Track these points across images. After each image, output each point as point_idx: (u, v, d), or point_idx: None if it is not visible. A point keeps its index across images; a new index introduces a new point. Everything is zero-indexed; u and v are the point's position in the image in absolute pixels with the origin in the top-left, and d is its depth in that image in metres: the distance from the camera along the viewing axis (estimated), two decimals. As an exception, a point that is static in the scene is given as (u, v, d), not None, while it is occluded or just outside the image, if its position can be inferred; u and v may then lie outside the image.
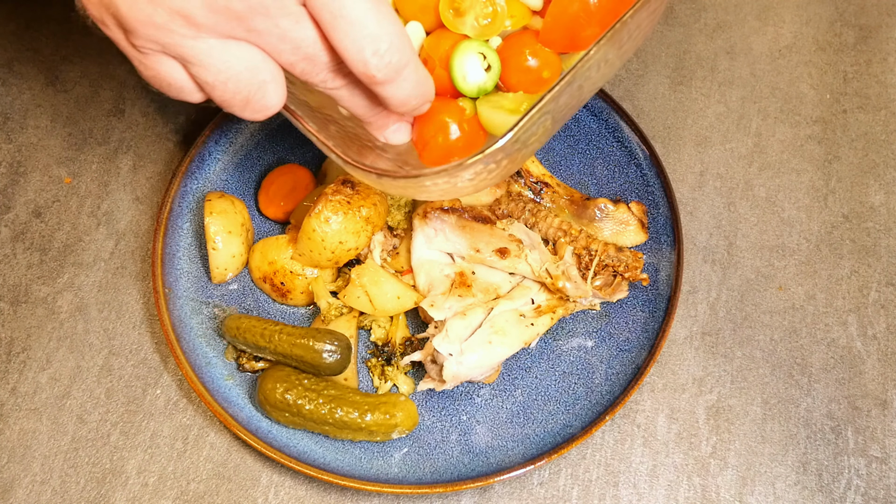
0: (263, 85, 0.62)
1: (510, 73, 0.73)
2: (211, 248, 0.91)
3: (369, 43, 0.59)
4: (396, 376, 0.89)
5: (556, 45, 0.72)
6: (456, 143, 0.72)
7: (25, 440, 0.88)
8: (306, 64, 0.62)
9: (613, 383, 0.87)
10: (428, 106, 0.69)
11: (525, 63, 0.72)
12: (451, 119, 0.72)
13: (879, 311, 0.94)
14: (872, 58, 1.09)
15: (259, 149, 1.01)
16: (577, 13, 0.69)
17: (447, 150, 0.72)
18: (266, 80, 0.62)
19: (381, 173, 0.69)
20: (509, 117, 0.71)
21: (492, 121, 0.72)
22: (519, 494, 0.85)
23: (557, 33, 0.71)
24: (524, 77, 0.73)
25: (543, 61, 0.72)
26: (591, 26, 0.70)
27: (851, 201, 1.00)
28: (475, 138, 0.73)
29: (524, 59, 0.72)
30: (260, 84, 0.62)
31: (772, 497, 0.85)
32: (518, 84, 0.73)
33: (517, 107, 0.72)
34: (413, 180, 0.69)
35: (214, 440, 0.88)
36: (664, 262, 0.92)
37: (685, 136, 1.05)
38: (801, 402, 0.89)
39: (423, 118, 0.73)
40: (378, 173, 0.69)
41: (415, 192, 0.74)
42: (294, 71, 0.62)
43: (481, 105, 0.73)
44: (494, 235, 0.89)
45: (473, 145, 0.73)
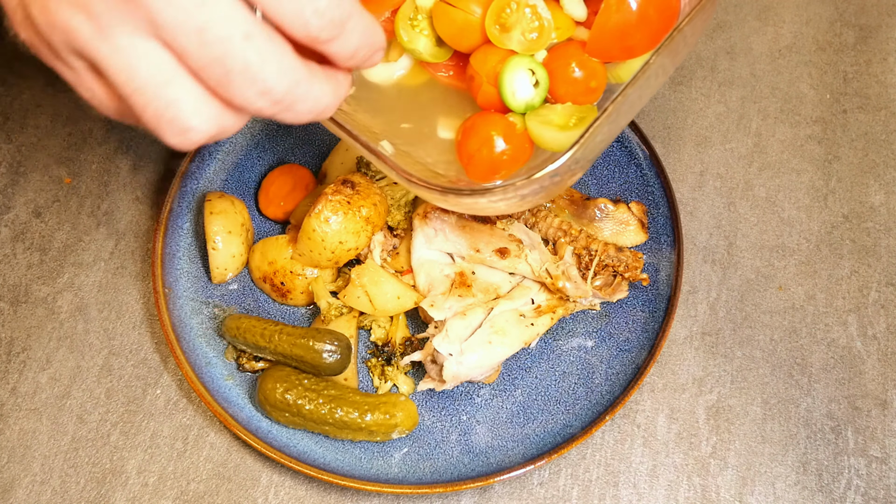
0: (176, 101, 0.53)
1: (557, 84, 0.74)
2: (211, 248, 0.91)
3: (307, 3, 0.52)
4: (396, 376, 0.89)
5: (604, 54, 0.73)
6: (501, 157, 0.72)
7: (25, 440, 0.88)
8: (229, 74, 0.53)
9: (613, 383, 0.87)
10: (380, 56, 0.62)
11: (572, 74, 0.73)
12: (497, 133, 0.72)
13: (879, 311, 0.94)
14: (872, 58, 1.09)
15: (259, 149, 1.01)
16: (625, 22, 0.70)
17: (492, 165, 0.73)
18: (179, 96, 0.53)
19: (445, 189, 0.69)
20: (559, 133, 0.72)
21: (542, 136, 0.73)
22: (519, 494, 0.85)
23: (605, 43, 0.72)
24: (572, 88, 0.73)
25: (590, 72, 0.73)
26: (639, 34, 0.71)
27: (851, 201, 1.00)
28: (521, 153, 0.74)
29: (571, 71, 0.73)
30: (172, 99, 0.53)
31: (772, 497, 0.85)
32: (566, 95, 0.74)
33: (566, 121, 0.72)
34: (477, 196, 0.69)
35: (214, 440, 0.88)
36: (664, 262, 0.92)
37: (685, 136, 1.05)
38: (801, 402, 0.89)
39: (470, 132, 0.73)
40: (441, 190, 0.69)
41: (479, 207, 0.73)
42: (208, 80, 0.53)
43: (530, 120, 0.73)
44: (494, 235, 0.89)
45: (519, 160, 0.74)
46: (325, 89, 0.57)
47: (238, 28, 0.51)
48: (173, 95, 0.53)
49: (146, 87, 0.52)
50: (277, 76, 0.53)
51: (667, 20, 0.71)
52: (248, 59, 0.52)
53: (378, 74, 0.82)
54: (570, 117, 0.73)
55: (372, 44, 0.59)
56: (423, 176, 0.70)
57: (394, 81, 0.82)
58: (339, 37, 0.55)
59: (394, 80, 0.82)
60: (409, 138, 0.78)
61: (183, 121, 0.54)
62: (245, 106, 0.54)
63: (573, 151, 0.67)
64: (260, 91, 0.53)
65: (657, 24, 0.71)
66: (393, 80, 0.82)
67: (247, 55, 0.52)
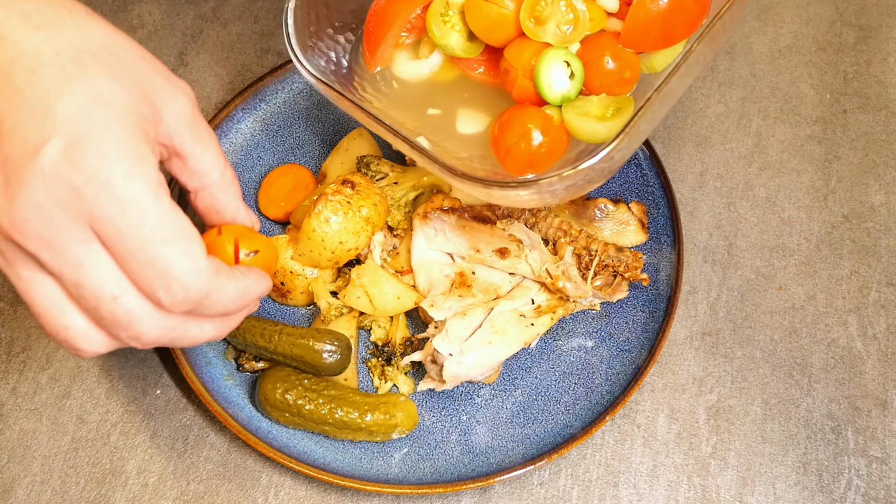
0: (66, 328, 0.61)
1: (592, 75, 0.74)
2: None
3: (159, 284, 0.59)
4: (396, 376, 0.89)
5: (638, 44, 0.73)
6: (539, 150, 0.72)
7: (25, 440, 0.88)
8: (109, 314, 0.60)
9: (613, 383, 0.87)
10: (255, 306, 0.70)
11: (606, 66, 0.73)
12: (534, 126, 0.72)
13: (879, 311, 0.94)
14: (872, 58, 1.09)
15: (259, 149, 1.01)
16: (660, 12, 0.70)
17: (530, 158, 0.73)
18: (69, 324, 0.61)
19: (490, 183, 0.69)
20: (597, 124, 0.72)
21: (580, 128, 0.73)
22: (519, 494, 0.85)
23: (639, 33, 0.72)
24: (606, 79, 0.74)
25: (624, 62, 0.73)
26: (673, 24, 0.71)
27: (851, 201, 1.00)
28: (558, 145, 0.73)
29: (605, 62, 0.73)
30: (63, 326, 0.61)
31: (772, 497, 0.85)
32: (600, 86, 0.74)
33: (604, 112, 0.72)
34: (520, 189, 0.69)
35: (214, 440, 0.88)
36: (664, 262, 0.92)
37: (685, 136, 1.05)
38: (801, 402, 0.89)
39: (507, 126, 0.74)
40: (486, 183, 0.69)
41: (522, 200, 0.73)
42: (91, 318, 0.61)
43: (567, 112, 0.73)
44: (494, 235, 0.89)
45: (556, 153, 0.74)
46: (205, 329, 0.65)
47: (109, 289, 0.59)
48: (64, 323, 0.61)
49: (42, 313, 0.61)
50: (147, 328, 0.61)
51: (702, 6, 0.71)
52: (117, 314, 0.60)
53: (409, 71, 0.82)
54: (608, 108, 0.73)
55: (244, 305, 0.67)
56: (465, 169, 0.71)
57: (424, 78, 0.82)
58: (199, 310, 0.62)
59: (424, 77, 0.82)
60: (443, 134, 0.78)
61: (73, 343, 0.62)
62: (122, 342, 0.62)
63: (619, 140, 0.67)
64: (131, 336, 0.61)
65: (692, 11, 0.71)
66: (424, 76, 0.82)
67: (115, 310, 0.59)
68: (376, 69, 0.83)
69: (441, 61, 0.82)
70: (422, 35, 0.81)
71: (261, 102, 1.01)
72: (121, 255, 0.58)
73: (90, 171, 0.56)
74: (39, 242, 0.57)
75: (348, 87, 0.81)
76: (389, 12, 0.80)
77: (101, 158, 0.56)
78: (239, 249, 0.75)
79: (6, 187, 0.57)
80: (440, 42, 0.78)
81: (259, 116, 1.01)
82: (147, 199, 0.58)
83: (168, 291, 0.59)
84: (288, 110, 1.02)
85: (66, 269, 0.58)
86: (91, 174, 0.56)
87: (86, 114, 0.57)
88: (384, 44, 0.81)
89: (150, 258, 0.58)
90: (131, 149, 0.58)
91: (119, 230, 0.57)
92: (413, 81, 0.82)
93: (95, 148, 0.56)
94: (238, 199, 0.73)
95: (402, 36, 0.81)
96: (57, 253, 0.58)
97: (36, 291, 0.60)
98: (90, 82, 0.58)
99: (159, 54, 1.10)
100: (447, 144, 0.78)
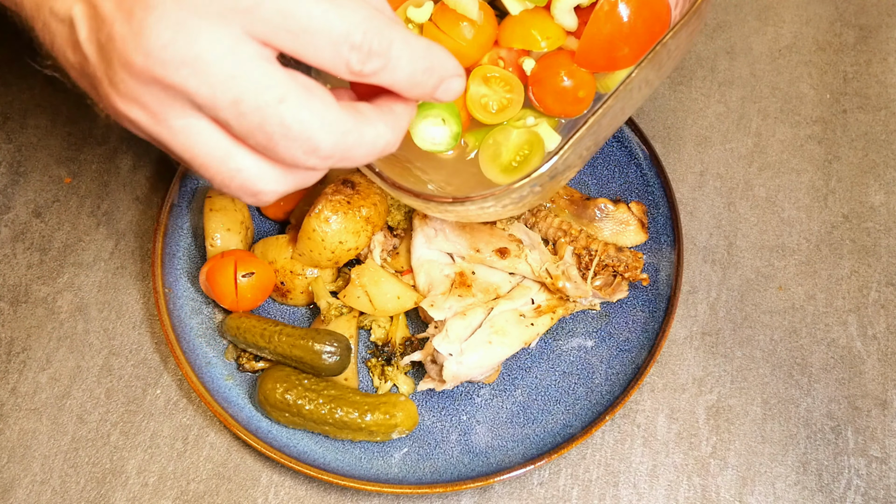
0: (239, 171, 0.55)
1: (546, 93, 0.74)
2: (209, 245, 0.91)
3: (342, 42, 0.52)
4: (396, 376, 0.89)
5: (593, 65, 0.73)
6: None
7: (25, 440, 0.88)
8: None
9: (613, 383, 0.87)
10: (457, 83, 0.59)
11: (561, 84, 0.73)
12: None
13: (879, 311, 0.94)
14: (872, 58, 1.09)
15: (259, 149, 1.01)
16: (614, 33, 0.70)
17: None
18: (240, 165, 0.54)
19: (428, 198, 0.68)
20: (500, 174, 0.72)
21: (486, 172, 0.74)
22: (519, 494, 0.85)
23: (594, 54, 0.72)
24: (560, 97, 0.73)
25: (579, 81, 0.73)
26: (627, 46, 0.71)
27: (851, 201, 1.00)
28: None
29: (560, 80, 0.73)
30: (235, 169, 0.55)
31: (772, 497, 0.85)
32: (554, 104, 0.74)
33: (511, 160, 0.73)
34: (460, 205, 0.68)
35: (214, 440, 0.88)
36: (664, 262, 0.92)
37: (685, 136, 1.05)
38: (801, 402, 0.89)
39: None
40: (424, 198, 0.68)
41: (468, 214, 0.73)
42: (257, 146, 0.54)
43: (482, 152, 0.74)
44: (494, 235, 0.89)
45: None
46: (380, 129, 0.57)
47: (270, 94, 0.51)
48: (234, 165, 0.54)
49: (208, 162, 0.54)
50: (321, 132, 0.53)
51: (655, 33, 0.71)
52: (286, 122, 0.52)
53: None
54: (518, 152, 0.73)
55: (431, 68, 0.57)
56: (411, 185, 0.70)
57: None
58: (385, 67, 0.54)
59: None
60: (409, 152, 0.78)
61: (250, 186, 0.55)
62: (297, 165, 0.55)
63: (552, 163, 0.67)
64: (306, 150, 0.53)
65: (644, 37, 0.71)
66: None
67: (283, 119, 0.52)
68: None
69: None
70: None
71: (261, 102, 1.01)
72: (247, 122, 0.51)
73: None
74: (186, 67, 0.49)
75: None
76: None
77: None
78: (237, 271, 0.81)
79: (129, 18, 0.49)
80: None
81: (259, 116, 1.01)
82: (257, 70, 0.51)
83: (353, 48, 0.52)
84: (288, 110, 1.02)
85: (220, 86, 0.50)
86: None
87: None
88: None
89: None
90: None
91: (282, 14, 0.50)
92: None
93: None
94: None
95: None
96: (208, 71, 0.50)
97: (196, 140, 0.53)
98: None
99: (159, 54, 1.10)
100: (402, 153, 0.77)
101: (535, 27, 0.74)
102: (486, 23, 0.74)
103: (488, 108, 0.74)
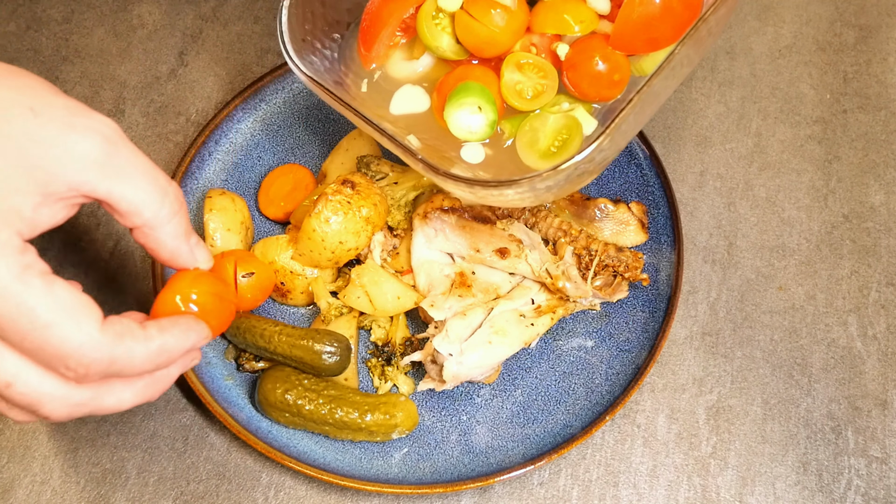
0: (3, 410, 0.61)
1: (580, 78, 0.74)
2: (209, 245, 0.91)
3: (58, 363, 0.58)
4: (396, 376, 0.89)
5: (629, 47, 0.73)
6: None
7: (25, 440, 0.88)
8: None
9: (613, 383, 0.87)
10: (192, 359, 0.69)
11: (595, 68, 0.73)
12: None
13: (879, 311, 0.94)
14: (872, 58, 1.09)
15: (259, 149, 1.01)
16: (649, 14, 0.70)
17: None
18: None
19: (472, 182, 0.69)
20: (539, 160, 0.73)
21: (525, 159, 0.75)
22: (519, 494, 0.85)
23: (630, 35, 0.72)
24: (595, 82, 0.73)
25: (614, 65, 0.73)
26: (664, 25, 0.71)
27: (851, 201, 1.00)
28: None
29: (594, 64, 0.73)
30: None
31: (772, 497, 0.85)
32: (589, 88, 0.74)
33: (549, 145, 0.74)
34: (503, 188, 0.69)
35: (214, 440, 0.88)
36: (664, 262, 0.92)
37: (685, 136, 1.05)
38: (801, 402, 0.89)
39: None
40: (468, 182, 0.69)
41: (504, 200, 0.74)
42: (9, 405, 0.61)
43: (519, 139, 0.75)
44: (494, 235, 0.89)
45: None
46: (124, 396, 0.64)
47: (3, 376, 0.58)
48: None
49: None
50: (54, 407, 0.60)
51: (692, 10, 0.71)
52: (15, 399, 0.59)
53: (402, 70, 0.82)
54: (556, 138, 0.73)
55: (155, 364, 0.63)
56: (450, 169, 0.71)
57: (418, 77, 0.82)
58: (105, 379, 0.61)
59: (418, 76, 0.82)
60: (433, 133, 0.78)
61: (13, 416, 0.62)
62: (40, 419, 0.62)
63: (599, 142, 0.67)
64: (41, 416, 0.61)
65: (682, 15, 0.71)
66: (417, 75, 0.82)
67: (12, 396, 0.59)
68: (371, 67, 0.83)
69: (433, 62, 0.82)
70: (415, 35, 0.81)
71: (261, 102, 1.01)
72: (13, 344, 0.57)
73: None
74: None
75: (341, 85, 0.81)
76: (385, 11, 0.80)
77: None
78: (237, 271, 0.79)
79: None
80: (430, 44, 0.78)
81: (259, 116, 1.01)
82: (15, 289, 0.56)
83: (68, 368, 0.58)
84: (288, 110, 1.02)
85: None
86: None
87: None
88: (378, 42, 0.81)
89: (38, 344, 0.57)
90: None
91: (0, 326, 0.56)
92: (407, 80, 0.82)
93: None
94: (178, 238, 0.66)
95: (396, 35, 0.82)
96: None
97: None
98: None
99: (159, 54, 1.10)
100: (438, 143, 0.78)
101: (568, 12, 0.74)
102: (518, 9, 0.74)
103: (523, 94, 0.74)
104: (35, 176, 0.58)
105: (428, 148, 0.76)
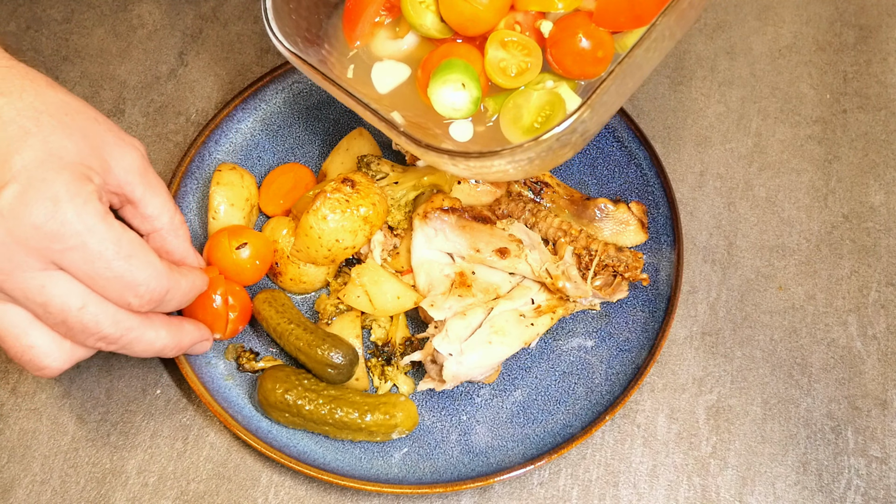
0: (31, 347, 0.70)
1: (564, 55, 0.74)
2: (211, 217, 0.91)
3: (128, 291, 0.70)
4: (396, 376, 0.89)
5: (611, 23, 0.73)
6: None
7: (25, 440, 0.88)
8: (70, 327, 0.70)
9: (613, 383, 0.87)
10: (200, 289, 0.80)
11: (579, 44, 0.73)
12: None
13: (879, 311, 0.94)
14: (872, 58, 1.09)
15: (259, 149, 1.01)
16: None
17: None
18: (34, 342, 0.70)
19: (454, 153, 0.71)
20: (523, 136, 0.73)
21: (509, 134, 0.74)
22: (519, 494, 0.85)
23: (613, 11, 0.72)
24: (579, 58, 0.73)
25: (597, 42, 0.73)
26: (646, 2, 0.71)
27: (851, 201, 1.00)
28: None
29: (578, 41, 0.73)
30: (28, 346, 0.70)
31: (772, 497, 0.85)
32: (573, 66, 0.74)
33: (532, 121, 0.73)
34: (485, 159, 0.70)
35: (214, 440, 0.88)
36: (664, 262, 0.92)
37: (685, 136, 1.05)
38: (801, 402, 0.89)
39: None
40: (450, 153, 0.70)
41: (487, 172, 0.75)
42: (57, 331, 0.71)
43: (503, 116, 0.74)
44: (494, 235, 0.89)
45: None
46: (161, 334, 0.75)
47: (74, 301, 0.69)
48: (28, 342, 0.70)
49: (7, 336, 0.70)
50: (111, 328, 0.71)
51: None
52: (84, 321, 0.69)
53: (387, 49, 0.82)
54: (539, 114, 0.73)
55: (190, 298, 0.78)
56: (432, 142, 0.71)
57: (402, 55, 0.82)
58: (159, 306, 0.74)
59: (402, 55, 0.82)
60: (417, 110, 0.78)
61: (38, 361, 0.71)
62: (89, 347, 0.73)
63: (580, 113, 0.67)
64: (98, 339, 0.71)
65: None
66: (402, 53, 0.82)
67: (83, 318, 0.69)
68: (356, 45, 0.83)
69: (417, 41, 0.82)
70: (400, 14, 0.81)
71: (261, 102, 1.01)
72: (89, 276, 0.68)
73: (46, 211, 0.65)
74: (1, 274, 0.66)
75: (325, 64, 0.82)
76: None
77: (55, 201, 0.66)
78: (231, 243, 0.87)
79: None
80: (415, 22, 0.78)
81: (259, 116, 1.01)
82: (101, 228, 0.67)
83: (137, 295, 0.70)
84: (288, 110, 1.02)
85: (31, 292, 0.67)
86: (48, 213, 0.65)
87: (40, 164, 0.66)
88: (363, 21, 0.81)
89: (117, 274, 0.68)
90: (80, 190, 0.67)
91: (84, 257, 0.67)
92: (391, 59, 0.82)
93: (49, 192, 0.66)
94: (186, 242, 0.82)
95: (381, 14, 0.82)
96: (19, 281, 0.67)
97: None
98: (46, 138, 0.68)
99: (159, 54, 1.10)
100: (423, 121, 0.78)
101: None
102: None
103: (507, 72, 0.74)
104: (103, 163, 0.72)
105: (413, 125, 0.76)
